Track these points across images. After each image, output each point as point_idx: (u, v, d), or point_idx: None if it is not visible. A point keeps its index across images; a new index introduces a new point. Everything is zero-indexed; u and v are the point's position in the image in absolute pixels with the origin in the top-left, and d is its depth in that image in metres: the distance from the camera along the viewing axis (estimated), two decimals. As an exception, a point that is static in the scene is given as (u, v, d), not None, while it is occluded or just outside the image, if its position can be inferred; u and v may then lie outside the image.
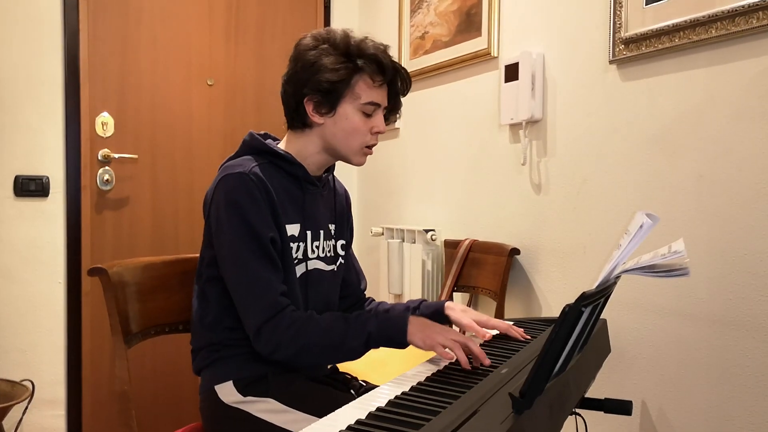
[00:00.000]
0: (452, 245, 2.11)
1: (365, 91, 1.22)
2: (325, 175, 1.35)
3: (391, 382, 0.95)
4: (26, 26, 2.21)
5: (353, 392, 1.28)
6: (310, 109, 1.23)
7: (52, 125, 2.25)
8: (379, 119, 1.26)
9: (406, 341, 1.13)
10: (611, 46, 1.58)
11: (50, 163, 2.25)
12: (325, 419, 0.78)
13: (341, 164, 1.34)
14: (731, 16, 1.30)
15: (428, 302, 1.35)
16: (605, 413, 1.26)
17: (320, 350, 1.14)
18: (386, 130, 1.29)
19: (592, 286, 0.86)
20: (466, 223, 2.17)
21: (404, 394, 0.87)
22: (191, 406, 2.49)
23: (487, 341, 1.20)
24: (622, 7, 1.54)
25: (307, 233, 1.26)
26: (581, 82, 1.70)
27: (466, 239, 2.06)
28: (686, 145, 1.43)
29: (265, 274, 1.15)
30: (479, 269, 1.97)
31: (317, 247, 1.29)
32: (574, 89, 1.73)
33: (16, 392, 2.13)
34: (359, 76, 1.21)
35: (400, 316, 1.16)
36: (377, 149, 1.31)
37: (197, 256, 1.30)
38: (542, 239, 1.84)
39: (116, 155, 2.37)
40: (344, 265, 1.39)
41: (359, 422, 0.75)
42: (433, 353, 1.11)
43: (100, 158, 2.35)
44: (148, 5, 2.43)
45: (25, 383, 2.17)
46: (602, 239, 1.65)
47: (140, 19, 2.42)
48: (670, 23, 1.42)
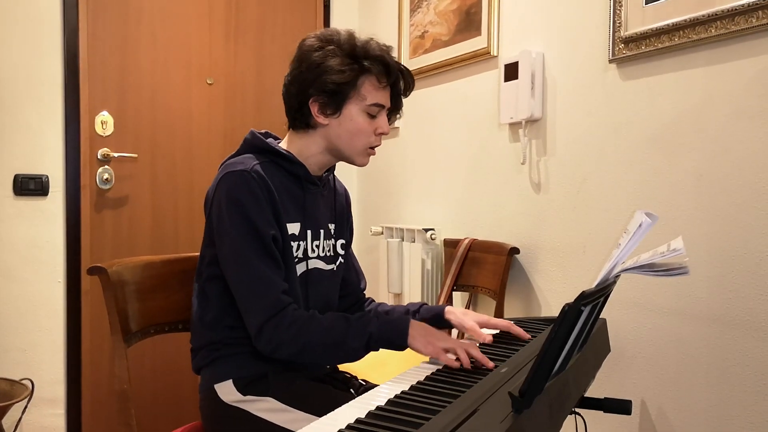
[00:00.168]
0: (452, 244, 2.11)
1: (371, 92, 1.23)
2: (325, 174, 1.35)
3: (390, 381, 0.95)
4: (26, 25, 2.21)
5: (353, 391, 1.28)
6: (315, 110, 1.23)
7: (51, 124, 2.25)
8: (383, 120, 1.26)
9: (406, 344, 1.13)
10: (611, 45, 1.58)
11: (50, 162, 2.25)
12: (324, 418, 0.78)
13: (341, 163, 1.34)
14: (731, 15, 1.30)
15: (428, 306, 1.35)
16: (605, 413, 1.26)
17: (321, 350, 1.13)
18: (389, 131, 1.29)
19: (591, 285, 0.86)
20: (465, 222, 2.17)
21: (404, 393, 0.87)
22: (191, 405, 2.49)
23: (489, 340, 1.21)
24: (621, 6, 1.54)
25: (307, 232, 1.26)
26: (581, 81, 1.70)
27: (465, 238, 2.06)
28: (686, 144, 1.43)
29: (267, 272, 1.14)
30: (479, 268, 1.97)
31: (317, 246, 1.29)
32: (573, 88, 1.73)
33: (15, 391, 2.13)
34: (365, 77, 1.22)
35: (401, 319, 1.16)
36: (377, 148, 1.31)
37: (197, 255, 1.30)
38: (542, 238, 1.84)
39: (116, 154, 2.37)
40: (344, 264, 1.39)
41: (359, 421, 0.75)
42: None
43: (99, 157, 2.35)
44: (147, 4, 2.43)
45: (24, 382, 2.17)
46: (602, 238, 1.65)
47: (140, 18, 2.42)
48: (669, 22, 1.42)
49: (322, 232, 1.30)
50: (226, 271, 1.18)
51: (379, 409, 0.79)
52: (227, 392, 1.19)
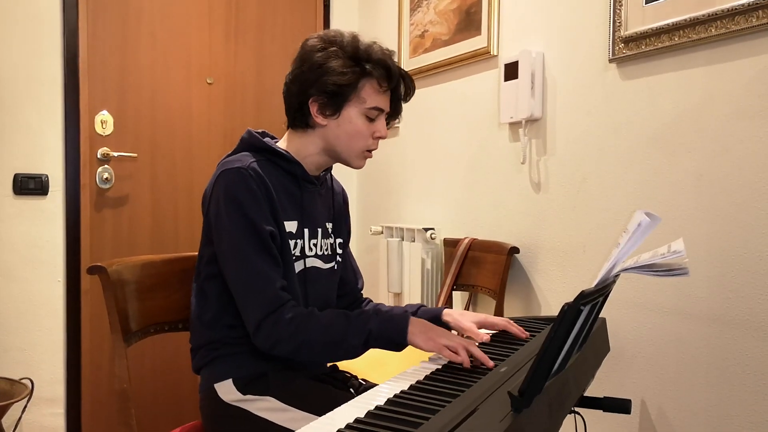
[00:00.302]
0: (452, 244, 2.11)
1: (371, 95, 1.23)
2: (323, 174, 1.35)
3: (390, 380, 0.95)
4: (26, 25, 2.20)
5: (352, 391, 1.28)
6: (314, 110, 1.23)
7: (51, 124, 2.25)
8: (381, 124, 1.26)
9: (406, 341, 1.13)
10: (611, 44, 1.58)
11: (49, 161, 2.25)
12: (324, 417, 0.78)
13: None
14: (731, 14, 1.30)
15: (426, 308, 1.35)
16: (604, 412, 1.26)
17: (320, 347, 1.13)
18: (387, 135, 1.29)
19: (591, 284, 0.86)
20: (465, 221, 2.17)
21: (403, 392, 0.87)
22: (191, 404, 2.49)
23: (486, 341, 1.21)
24: (621, 5, 1.54)
25: (304, 231, 1.26)
26: (581, 80, 1.70)
27: (465, 238, 2.06)
28: (686, 143, 1.43)
29: (265, 268, 1.15)
30: (479, 268, 1.97)
31: (315, 244, 1.29)
32: (573, 88, 1.73)
33: (15, 390, 2.13)
34: (366, 80, 1.22)
35: (401, 316, 1.16)
36: (376, 149, 1.31)
37: (197, 254, 1.30)
38: (542, 238, 1.84)
39: (115, 154, 2.37)
40: (342, 263, 1.39)
41: (358, 421, 0.75)
42: (432, 352, 1.11)
43: (99, 156, 2.35)
44: (147, 4, 2.43)
45: (24, 381, 2.17)
46: (602, 238, 1.65)
47: (140, 17, 2.42)
48: (669, 22, 1.42)
49: (319, 230, 1.31)
50: (224, 267, 1.18)
51: (378, 408, 0.79)
52: (227, 391, 1.19)
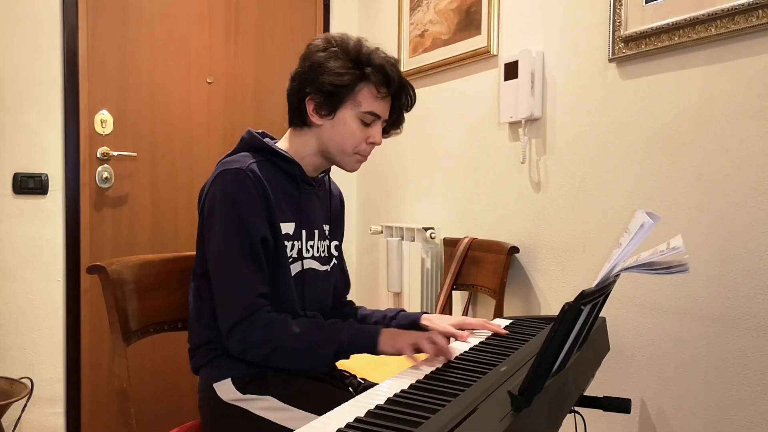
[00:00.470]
0: (451, 243, 2.11)
1: (367, 100, 1.23)
2: (321, 175, 1.35)
3: (390, 379, 0.95)
4: (25, 24, 2.20)
5: (351, 390, 1.28)
6: (310, 108, 1.24)
7: (51, 123, 2.25)
8: (376, 130, 1.26)
9: (377, 352, 1.14)
10: (611, 44, 1.58)
11: (49, 160, 2.25)
12: (324, 417, 0.78)
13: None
14: (731, 14, 1.30)
15: (406, 313, 1.36)
16: (604, 411, 1.26)
17: (291, 354, 1.14)
18: (382, 142, 1.29)
19: (591, 284, 0.86)
20: (465, 221, 2.17)
21: (403, 392, 0.87)
22: (190, 404, 2.49)
23: (486, 339, 1.21)
24: (621, 5, 1.54)
25: (302, 232, 1.26)
26: (581, 80, 1.70)
27: (465, 237, 2.06)
28: (686, 143, 1.43)
29: (248, 274, 1.15)
30: (478, 267, 1.97)
31: (311, 246, 1.29)
32: (573, 87, 1.72)
33: (15, 390, 2.13)
34: (364, 84, 1.22)
35: (372, 327, 1.18)
36: (377, 147, 1.31)
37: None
38: (541, 237, 1.84)
39: (115, 153, 2.37)
40: (337, 266, 1.39)
41: (358, 420, 0.75)
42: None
43: (99, 156, 2.35)
44: (147, 4, 2.43)
45: (24, 381, 2.17)
46: (601, 237, 1.65)
47: (140, 17, 2.42)
48: (669, 21, 1.42)
49: (316, 232, 1.31)
50: (209, 265, 1.19)
51: (378, 407, 0.79)
52: (226, 391, 1.19)
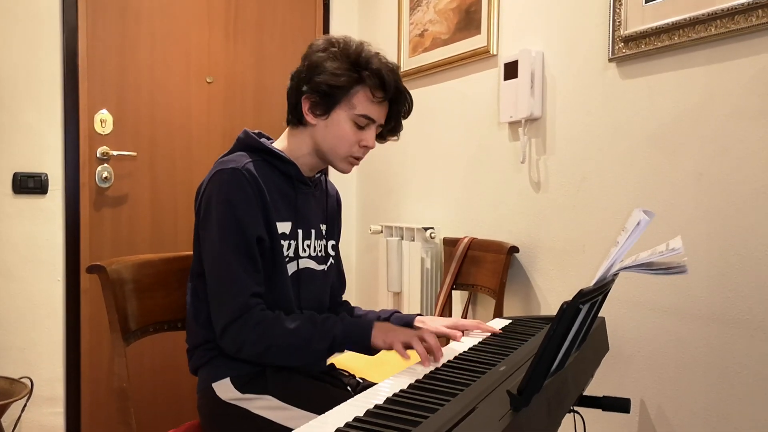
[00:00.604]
0: (451, 243, 2.11)
1: (362, 103, 1.23)
2: (317, 175, 1.35)
3: (389, 379, 0.95)
4: (25, 24, 2.20)
5: (350, 389, 1.28)
6: (305, 107, 1.24)
7: (50, 123, 2.25)
8: (370, 134, 1.26)
9: (370, 345, 1.15)
10: (611, 44, 1.58)
11: (49, 160, 2.25)
12: (323, 416, 0.78)
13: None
14: (731, 14, 1.30)
15: (400, 314, 1.36)
16: (603, 411, 1.27)
17: (285, 350, 1.15)
18: (375, 146, 1.29)
19: (590, 283, 0.86)
20: (465, 221, 2.17)
21: (402, 391, 0.87)
22: (190, 403, 2.49)
23: (485, 339, 1.21)
24: (621, 5, 1.54)
25: (298, 232, 1.27)
26: (580, 80, 1.70)
27: (465, 237, 2.06)
28: (685, 143, 1.43)
29: (242, 274, 1.15)
30: (478, 267, 1.97)
31: (308, 246, 1.29)
32: (573, 87, 1.72)
33: (14, 389, 2.13)
34: (360, 87, 1.22)
35: (366, 321, 1.18)
36: (377, 147, 1.31)
37: (194, 253, 1.30)
38: (541, 237, 1.84)
39: (115, 152, 2.37)
40: (334, 266, 1.40)
41: (358, 419, 0.75)
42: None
43: (98, 155, 2.35)
44: (147, 3, 2.43)
45: (23, 380, 2.17)
46: (601, 237, 1.64)
47: (139, 16, 2.42)
48: (669, 21, 1.42)
49: (313, 232, 1.31)
50: (205, 264, 1.20)
51: (377, 407, 0.79)
52: (225, 390, 1.19)
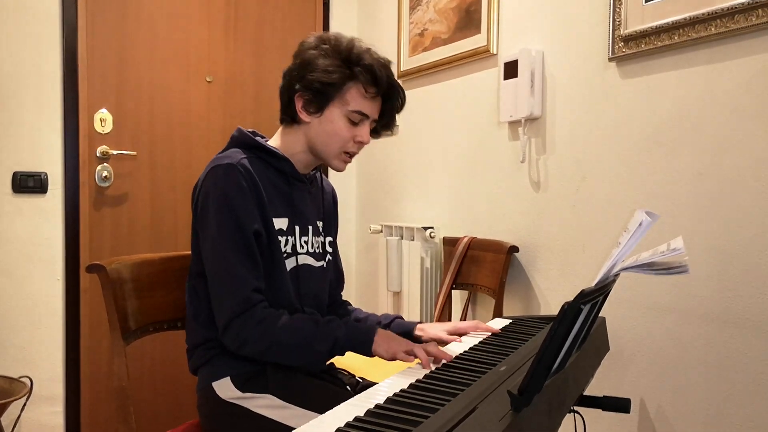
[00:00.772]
0: (451, 242, 2.10)
1: (355, 99, 1.23)
2: (312, 172, 1.35)
3: (389, 379, 0.95)
4: (25, 23, 2.20)
5: (349, 389, 1.28)
6: (299, 105, 1.24)
7: (50, 122, 2.24)
8: (364, 129, 1.26)
9: (371, 352, 1.15)
10: (611, 43, 1.58)
11: (48, 159, 2.25)
12: (323, 416, 0.78)
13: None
14: (731, 13, 1.30)
15: (401, 321, 1.36)
16: (604, 411, 1.27)
17: (287, 350, 1.15)
18: (370, 141, 1.29)
19: (591, 283, 0.86)
20: (464, 220, 2.17)
21: (403, 391, 0.87)
22: (190, 402, 2.49)
23: (486, 339, 1.21)
24: (621, 4, 1.54)
25: (295, 228, 1.27)
26: (580, 79, 1.70)
27: (464, 236, 2.06)
28: (685, 142, 1.43)
29: (242, 269, 1.15)
30: (478, 267, 1.97)
31: (306, 242, 1.29)
32: (573, 86, 1.72)
33: (14, 389, 2.13)
34: (352, 83, 1.22)
35: (369, 327, 1.18)
36: (376, 146, 1.31)
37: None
38: (541, 237, 1.84)
39: (115, 152, 2.36)
40: (332, 262, 1.40)
41: (358, 419, 0.75)
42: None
43: (98, 155, 2.34)
44: (146, 2, 2.42)
45: (23, 380, 2.17)
46: (601, 237, 1.64)
47: (139, 15, 2.41)
48: (669, 21, 1.42)
49: (310, 228, 1.31)
50: (204, 262, 1.20)
51: (378, 407, 0.79)
52: (225, 389, 1.19)
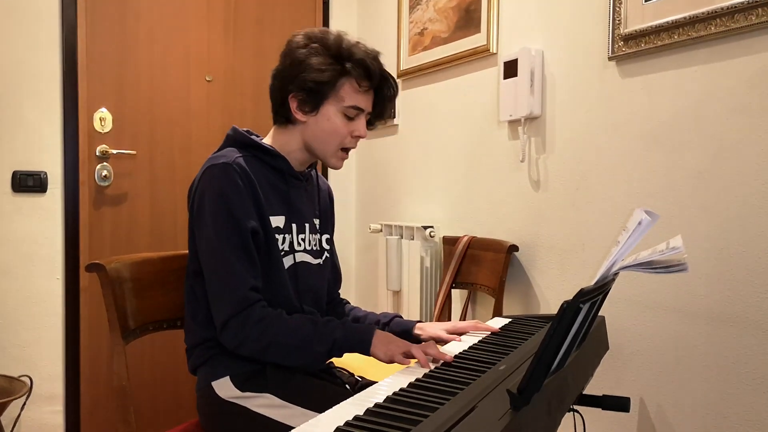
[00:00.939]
0: (451, 242, 2.10)
1: (350, 94, 1.23)
2: (308, 170, 1.35)
3: (388, 378, 0.95)
4: (24, 21, 2.20)
5: (348, 388, 1.28)
6: (293, 106, 1.24)
7: (50, 121, 2.24)
8: (360, 124, 1.26)
9: (369, 353, 1.15)
10: (610, 42, 1.58)
11: (48, 158, 2.25)
12: (323, 415, 0.78)
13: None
14: (730, 12, 1.30)
15: (400, 320, 1.36)
16: (603, 410, 1.27)
17: (285, 350, 1.15)
18: (367, 135, 1.29)
19: (590, 282, 0.86)
20: (464, 219, 2.17)
21: (402, 390, 0.87)
22: (190, 401, 2.49)
23: (485, 338, 1.21)
24: (621, 3, 1.54)
25: (292, 225, 1.27)
26: (580, 78, 1.70)
27: (464, 236, 2.06)
28: (685, 141, 1.43)
29: (239, 267, 1.15)
30: (478, 266, 1.97)
31: (303, 239, 1.29)
32: (573, 86, 1.72)
33: (14, 388, 2.13)
34: (345, 79, 1.22)
35: (367, 328, 1.18)
36: (376, 145, 1.31)
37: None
38: (541, 236, 1.84)
39: (114, 151, 2.36)
40: (330, 260, 1.40)
41: (357, 418, 0.75)
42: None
43: (98, 154, 2.34)
44: (146, 1, 2.42)
45: (23, 379, 2.17)
46: (601, 236, 1.64)
47: (139, 14, 2.41)
48: (669, 20, 1.42)
49: (307, 226, 1.31)
50: (201, 261, 1.19)
51: (377, 406, 0.79)
52: (225, 389, 1.19)
